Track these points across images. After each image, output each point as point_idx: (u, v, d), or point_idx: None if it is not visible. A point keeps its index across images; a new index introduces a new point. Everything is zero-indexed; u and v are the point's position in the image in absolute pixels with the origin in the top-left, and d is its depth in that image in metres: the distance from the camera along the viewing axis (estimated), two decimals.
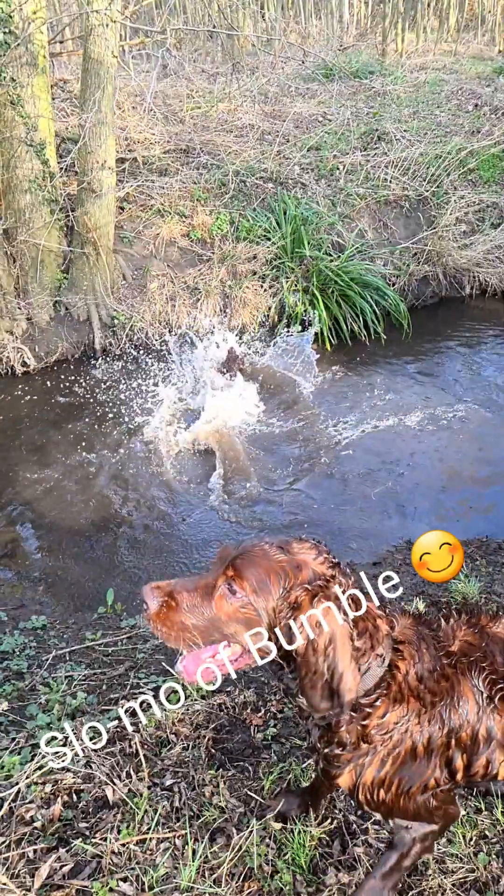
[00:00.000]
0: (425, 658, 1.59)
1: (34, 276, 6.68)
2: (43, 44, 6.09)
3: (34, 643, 3.36)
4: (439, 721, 1.56)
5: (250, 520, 4.95)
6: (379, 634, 1.53)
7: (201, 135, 8.38)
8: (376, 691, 1.53)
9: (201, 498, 5.15)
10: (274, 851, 2.10)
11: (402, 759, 1.58)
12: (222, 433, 5.88)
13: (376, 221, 8.06)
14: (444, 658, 1.60)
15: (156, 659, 3.12)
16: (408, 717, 1.56)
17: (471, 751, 1.60)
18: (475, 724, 1.58)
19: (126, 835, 2.10)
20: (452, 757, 1.60)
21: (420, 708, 1.56)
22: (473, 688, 1.58)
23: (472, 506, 5.05)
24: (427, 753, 1.58)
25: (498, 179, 8.56)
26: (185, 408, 6.25)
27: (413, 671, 1.57)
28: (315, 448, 5.69)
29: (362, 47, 11.95)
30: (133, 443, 5.77)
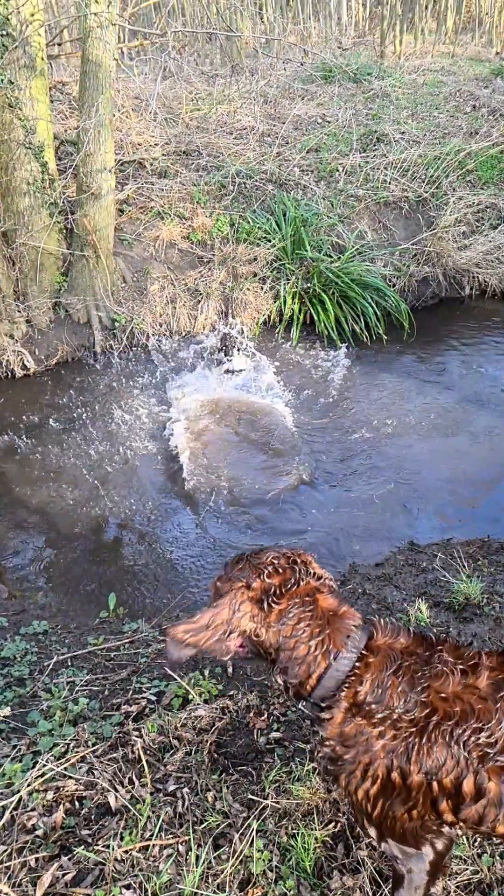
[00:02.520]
0: (386, 681, 1.57)
1: (34, 278, 6.67)
2: (41, 46, 6.09)
3: (35, 648, 3.34)
4: (410, 760, 1.54)
5: (253, 522, 4.94)
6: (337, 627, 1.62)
7: (201, 136, 8.38)
8: (335, 694, 1.59)
9: (203, 501, 5.13)
10: (278, 856, 2.09)
11: (382, 781, 1.57)
12: (224, 437, 5.87)
13: (376, 223, 8.05)
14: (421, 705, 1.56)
15: (158, 663, 3.10)
16: (366, 737, 1.56)
17: (457, 800, 1.55)
18: (457, 777, 1.53)
19: (129, 842, 2.08)
20: (437, 799, 1.56)
21: (375, 731, 1.56)
22: (454, 746, 1.53)
23: (475, 506, 5.04)
24: (405, 784, 1.56)
25: (496, 180, 8.56)
26: (185, 409, 6.23)
27: (367, 689, 1.57)
28: (316, 449, 5.68)
29: (361, 49, 11.95)
30: (133, 445, 5.76)
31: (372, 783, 1.59)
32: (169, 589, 4.35)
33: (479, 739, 1.52)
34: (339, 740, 1.60)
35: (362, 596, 3.71)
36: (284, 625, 1.61)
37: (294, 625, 1.61)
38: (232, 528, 4.89)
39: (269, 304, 7.33)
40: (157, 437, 5.81)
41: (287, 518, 4.97)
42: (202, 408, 6.24)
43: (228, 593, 1.63)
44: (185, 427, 5.97)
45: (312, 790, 2.28)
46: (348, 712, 1.58)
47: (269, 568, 1.65)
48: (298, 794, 2.27)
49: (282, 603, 1.62)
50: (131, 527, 4.92)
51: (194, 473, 5.43)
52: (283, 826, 2.18)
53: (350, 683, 1.59)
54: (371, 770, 1.58)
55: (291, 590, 1.63)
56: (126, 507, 5.09)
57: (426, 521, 4.88)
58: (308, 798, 2.26)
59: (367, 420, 6.04)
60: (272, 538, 4.77)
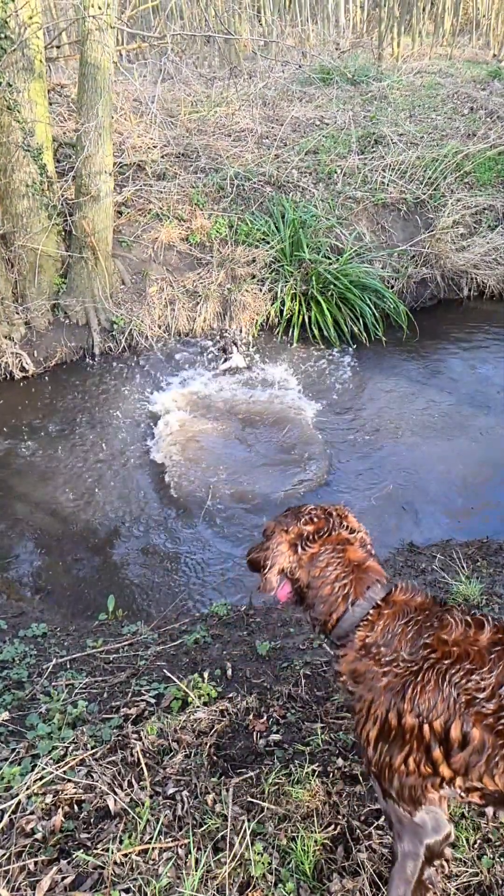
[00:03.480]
0: (397, 629, 1.73)
1: (32, 280, 6.67)
2: (39, 49, 6.10)
3: (34, 651, 3.34)
4: (404, 698, 1.67)
5: (251, 525, 4.93)
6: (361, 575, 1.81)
7: (199, 139, 8.39)
8: (349, 635, 1.77)
9: (202, 503, 5.13)
10: (277, 859, 2.08)
11: (381, 722, 1.71)
12: (223, 438, 5.87)
13: (374, 224, 8.06)
14: (423, 648, 1.70)
15: (157, 666, 3.09)
16: (372, 676, 1.72)
17: (447, 746, 1.66)
18: (446, 721, 1.64)
19: (128, 845, 2.07)
20: (430, 746, 1.67)
21: (380, 671, 1.71)
22: (446, 687, 1.65)
23: (473, 507, 5.04)
24: (400, 725, 1.68)
25: (494, 182, 8.57)
26: (183, 411, 6.23)
27: (378, 634, 1.74)
28: (315, 450, 5.68)
29: (359, 51, 11.97)
30: (132, 448, 5.75)
31: (373, 724, 1.72)
32: (168, 591, 4.34)
33: (468, 683, 1.63)
34: (350, 676, 1.77)
35: None
36: (314, 566, 1.82)
37: (323, 567, 1.81)
38: (229, 529, 4.88)
39: (267, 305, 7.33)
40: (156, 440, 5.81)
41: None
42: (200, 409, 6.24)
43: (273, 535, 1.89)
44: (184, 429, 5.97)
45: (312, 793, 2.27)
46: (359, 652, 1.75)
47: (307, 517, 1.88)
48: (298, 797, 2.26)
49: (314, 547, 1.84)
50: (130, 529, 4.92)
51: (192, 476, 5.43)
52: (283, 829, 2.17)
53: (363, 627, 1.77)
54: (373, 708, 1.72)
55: (324, 537, 1.85)
56: (125, 509, 5.09)
57: (425, 523, 4.87)
58: (307, 801, 2.25)
59: (366, 421, 6.05)
60: None
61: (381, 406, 6.28)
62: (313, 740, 2.51)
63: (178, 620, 3.70)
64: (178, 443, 5.78)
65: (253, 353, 7.08)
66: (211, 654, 3.19)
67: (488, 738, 1.62)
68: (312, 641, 3.19)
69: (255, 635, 3.36)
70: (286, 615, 3.58)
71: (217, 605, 3.74)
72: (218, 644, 3.30)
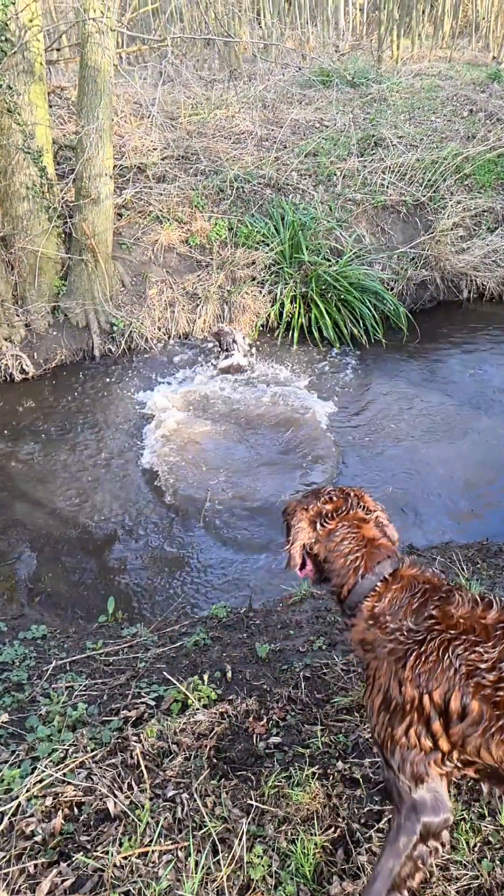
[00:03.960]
0: (403, 601, 1.81)
1: (32, 282, 6.68)
2: (39, 51, 6.11)
3: (34, 653, 3.33)
4: (406, 666, 1.72)
5: (249, 527, 4.93)
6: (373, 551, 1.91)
7: (199, 141, 8.40)
8: (358, 605, 1.86)
9: (200, 505, 5.13)
10: (277, 862, 2.08)
11: (384, 690, 1.76)
12: (223, 440, 5.87)
13: (374, 226, 8.07)
14: (428, 619, 1.76)
15: (157, 668, 3.09)
16: (383, 645, 1.78)
17: (446, 718, 1.69)
18: (445, 692, 1.67)
19: (128, 848, 2.07)
20: (430, 718, 1.70)
21: (386, 639, 1.78)
22: (448, 658, 1.69)
23: (473, 509, 5.04)
24: (401, 693, 1.73)
25: (494, 184, 8.59)
26: (183, 412, 6.23)
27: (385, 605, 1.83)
28: (314, 453, 5.68)
29: (358, 54, 12.00)
30: (132, 450, 5.75)
31: (377, 692, 1.78)
32: (168, 593, 4.35)
33: (471, 655, 1.66)
34: (360, 645, 1.87)
35: None
36: (331, 541, 1.96)
37: (338, 542, 1.95)
38: (229, 532, 4.88)
39: (267, 307, 7.34)
40: (155, 442, 5.81)
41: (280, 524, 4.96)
42: (201, 410, 6.24)
43: (294, 513, 2.04)
44: (184, 430, 5.97)
45: (312, 795, 2.27)
46: (367, 622, 1.84)
47: (326, 497, 2.03)
48: (298, 800, 2.26)
49: (331, 524, 1.97)
50: (130, 531, 4.92)
51: (192, 478, 5.43)
52: (283, 831, 2.17)
53: (371, 598, 1.86)
54: (378, 676, 1.78)
55: (341, 515, 1.98)
56: (124, 511, 5.09)
57: (425, 525, 4.87)
58: (307, 803, 2.25)
59: (365, 423, 6.05)
60: (267, 541, 4.77)
61: (381, 408, 6.28)
62: (313, 743, 2.51)
63: (177, 622, 3.69)
64: (177, 444, 5.78)
65: (253, 355, 7.09)
66: (211, 656, 3.19)
67: (486, 709, 1.64)
68: (312, 644, 3.19)
69: (254, 637, 3.36)
70: (286, 617, 3.58)
71: (217, 608, 3.74)
72: (218, 646, 3.30)
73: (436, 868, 2.06)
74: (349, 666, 2.94)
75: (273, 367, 6.92)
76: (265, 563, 4.60)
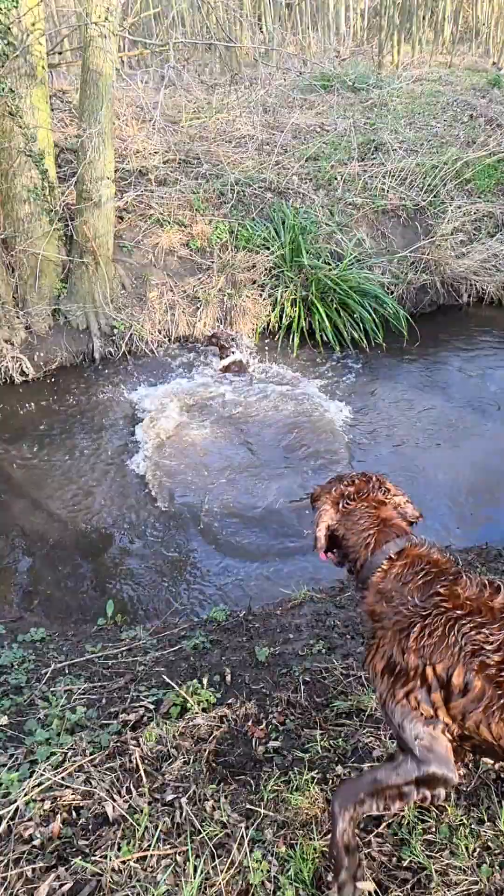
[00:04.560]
0: (408, 578, 1.90)
1: (33, 285, 6.68)
2: (42, 55, 6.13)
3: (33, 656, 3.32)
4: (409, 637, 1.81)
5: (249, 531, 4.93)
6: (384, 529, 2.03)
7: (200, 145, 8.42)
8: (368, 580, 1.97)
9: (198, 510, 5.13)
10: (276, 867, 2.07)
11: (388, 657, 1.85)
12: (221, 444, 5.87)
13: (374, 230, 8.09)
14: (435, 596, 1.84)
15: (156, 671, 3.09)
16: (389, 616, 1.88)
17: (447, 691, 1.76)
18: (448, 667, 1.75)
19: (126, 852, 2.06)
20: (431, 687, 1.78)
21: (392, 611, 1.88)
22: (453, 635, 1.76)
23: (473, 513, 5.04)
24: (404, 662, 1.81)
25: (494, 189, 8.61)
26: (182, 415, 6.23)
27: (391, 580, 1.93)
28: (313, 458, 5.68)
29: (359, 59, 12.04)
30: (131, 453, 5.75)
31: (381, 657, 1.88)
32: (167, 596, 4.34)
33: (477, 635, 1.73)
34: (369, 616, 1.98)
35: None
36: (349, 520, 2.08)
37: (356, 521, 2.07)
38: (228, 535, 4.88)
39: (267, 310, 7.35)
40: (155, 445, 5.81)
41: (281, 526, 4.96)
42: (202, 413, 6.24)
43: (319, 497, 2.17)
44: (185, 434, 5.97)
45: (311, 800, 2.27)
46: (375, 595, 1.96)
47: (348, 480, 2.17)
48: (297, 804, 2.25)
49: (352, 505, 2.10)
50: (129, 534, 4.91)
51: (192, 481, 5.43)
52: (282, 836, 2.16)
53: (379, 573, 1.98)
54: (382, 643, 1.88)
55: (362, 497, 2.11)
56: (124, 514, 5.08)
57: (424, 529, 4.84)
58: (307, 808, 2.25)
59: (365, 427, 6.05)
60: (266, 546, 4.76)
61: (380, 412, 6.29)
62: (312, 747, 2.50)
63: (177, 626, 3.69)
64: (177, 447, 5.78)
65: (255, 356, 7.10)
66: (210, 659, 3.19)
67: (489, 688, 1.70)
68: (312, 647, 3.19)
69: (254, 641, 3.35)
70: (285, 621, 3.58)
71: (216, 611, 3.73)
72: (217, 650, 3.29)
73: (435, 874, 2.05)
74: (349, 670, 2.93)
75: (274, 369, 6.93)
76: (265, 566, 4.59)
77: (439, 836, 2.16)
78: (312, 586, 4.03)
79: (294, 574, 4.43)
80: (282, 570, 4.53)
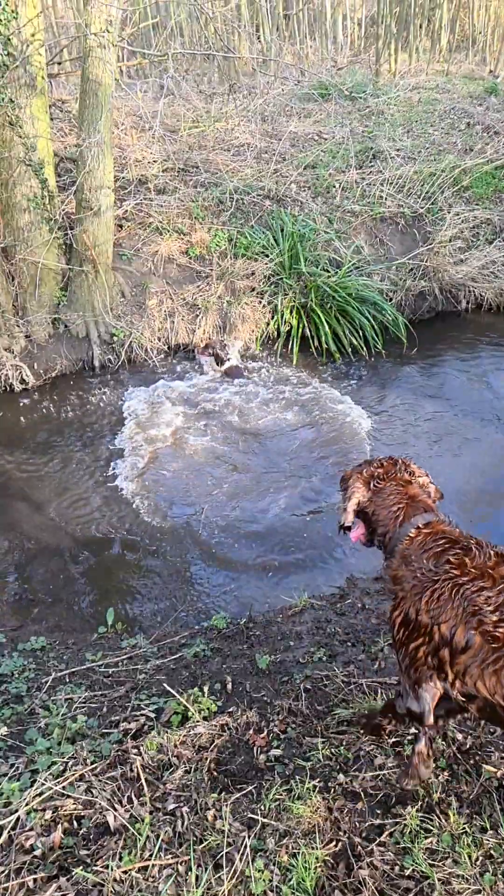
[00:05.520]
0: (429, 546, 2.12)
1: (33, 293, 6.71)
2: (41, 65, 6.17)
3: (33, 665, 3.32)
4: (422, 599, 2.04)
5: (249, 538, 4.93)
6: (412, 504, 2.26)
7: (199, 154, 8.47)
8: (395, 549, 2.21)
9: (198, 517, 5.13)
10: (278, 876, 2.07)
11: (404, 612, 2.10)
12: (219, 450, 5.88)
13: (373, 238, 8.12)
14: (446, 563, 2.05)
15: (157, 679, 3.08)
16: (408, 580, 2.11)
17: (451, 647, 1.97)
18: (452, 626, 1.96)
19: (128, 862, 2.06)
20: (439, 644, 2.00)
21: (410, 576, 2.11)
22: (458, 597, 1.98)
23: (472, 519, 5.04)
24: (417, 619, 2.05)
25: (491, 196, 8.65)
26: (181, 423, 6.24)
27: (414, 549, 2.15)
28: (312, 462, 5.69)
29: (356, 67, 12.12)
30: (130, 461, 5.75)
31: (399, 613, 2.12)
32: (167, 604, 4.33)
33: (478, 596, 1.94)
34: (392, 580, 2.20)
35: (362, 611, 3.70)
36: (379, 497, 2.30)
37: (385, 497, 2.29)
38: (226, 543, 4.88)
39: (267, 318, 7.37)
40: (153, 453, 5.81)
41: (281, 532, 4.97)
42: (201, 420, 6.25)
43: (350, 478, 2.39)
44: (184, 441, 5.98)
45: (313, 808, 2.26)
46: (399, 562, 2.18)
47: (377, 463, 2.40)
48: (299, 813, 2.25)
49: (381, 485, 2.32)
50: (129, 543, 4.91)
51: (192, 487, 5.43)
52: (284, 845, 2.16)
53: (404, 543, 2.20)
54: (402, 602, 2.12)
55: (390, 477, 2.33)
56: (123, 522, 5.08)
57: None
58: (308, 816, 2.24)
59: (364, 432, 6.05)
60: (265, 552, 4.77)
61: (380, 418, 6.30)
62: (314, 755, 2.50)
63: (177, 634, 3.68)
64: (177, 455, 5.79)
65: (253, 363, 7.12)
66: (211, 667, 3.18)
67: (484, 644, 1.90)
68: (313, 655, 3.19)
69: (255, 649, 3.35)
70: (286, 628, 3.57)
71: (217, 618, 3.73)
72: (218, 657, 3.29)
73: (438, 882, 2.04)
74: (350, 678, 2.93)
75: (274, 376, 6.94)
76: (265, 573, 4.59)
77: (442, 845, 2.15)
78: (313, 593, 4.03)
79: (294, 581, 4.43)
80: (282, 577, 4.53)
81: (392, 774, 2.40)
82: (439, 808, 2.28)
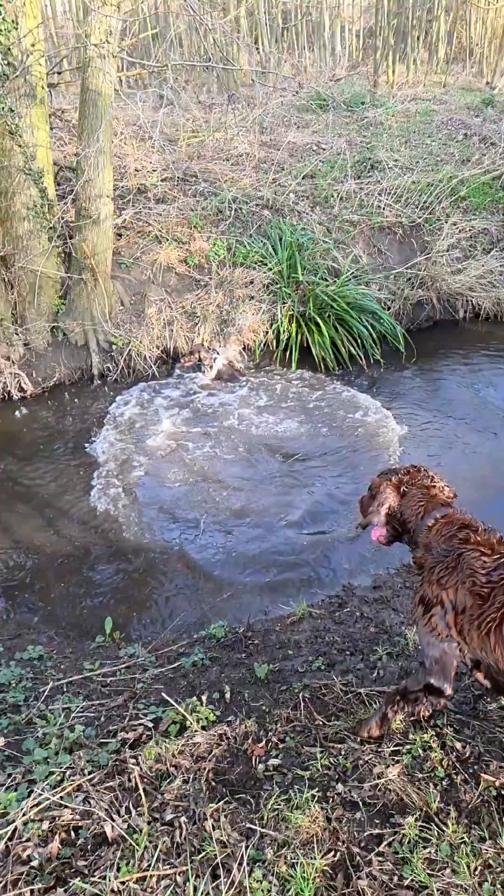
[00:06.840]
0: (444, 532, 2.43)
1: (32, 302, 6.73)
2: (41, 75, 6.22)
3: (31, 674, 3.31)
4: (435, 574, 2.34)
5: (245, 547, 4.93)
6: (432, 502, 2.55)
7: (198, 163, 8.52)
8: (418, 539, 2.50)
9: (196, 526, 5.13)
10: (277, 886, 2.06)
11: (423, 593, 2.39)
12: (218, 457, 5.89)
13: (371, 247, 8.17)
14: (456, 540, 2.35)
15: (155, 689, 3.07)
16: (428, 563, 2.40)
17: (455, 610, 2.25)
18: (455, 590, 2.26)
19: (126, 872, 2.04)
20: (446, 609, 2.27)
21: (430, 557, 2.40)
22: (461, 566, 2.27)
23: None
24: (431, 593, 2.33)
25: (488, 206, 8.72)
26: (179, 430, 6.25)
27: (433, 536, 2.45)
28: (310, 469, 5.69)
29: (355, 79, 12.22)
30: (129, 469, 5.76)
31: (419, 594, 2.41)
32: (166, 613, 4.32)
33: (476, 561, 2.24)
34: (417, 566, 2.51)
35: (360, 619, 3.70)
36: (407, 499, 2.60)
37: (411, 497, 2.60)
38: (224, 552, 4.87)
39: (265, 326, 7.40)
40: (151, 460, 5.82)
41: (279, 540, 4.96)
42: (194, 427, 6.26)
43: (381, 485, 2.65)
44: (182, 449, 5.99)
45: (311, 818, 2.25)
46: (423, 549, 2.48)
47: (403, 471, 2.69)
48: (297, 823, 2.24)
49: (410, 489, 2.61)
50: (127, 552, 4.90)
51: (188, 496, 5.43)
52: (282, 855, 2.14)
53: (425, 532, 2.50)
54: (423, 583, 2.40)
55: (415, 482, 2.63)
56: (121, 531, 5.08)
57: None
58: (307, 827, 2.23)
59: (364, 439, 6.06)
60: (262, 560, 4.76)
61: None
62: (313, 765, 2.49)
63: (175, 643, 3.67)
64: (174, 462, 5.80)
65: (247, 370, 7.13)
66: (209, 676, 3.17)
67: (473, 604, 2.19)
68: (311, 664, 3.18)
69: (253, 658, 3.34)
70: (284, 637, 3.57)
71: (215, 627, 3.72)
72: (216, 667, 3.28)
73: (437, 893, 2.03)
74: (348, 687, 2.93)
75: (272, 384, 6.95)
76: (263, 581, 4.58)
77: (440, 855, 2.14)
78: (311, 602, 4.03)
79: (293, 590, 4.43)
80: (280, 586, 4.52)
81: (391, 784, 2.40)
82: (438, 817, 2.28)
